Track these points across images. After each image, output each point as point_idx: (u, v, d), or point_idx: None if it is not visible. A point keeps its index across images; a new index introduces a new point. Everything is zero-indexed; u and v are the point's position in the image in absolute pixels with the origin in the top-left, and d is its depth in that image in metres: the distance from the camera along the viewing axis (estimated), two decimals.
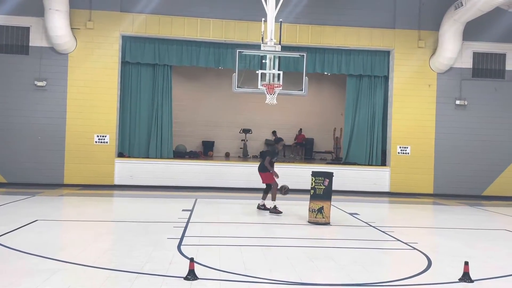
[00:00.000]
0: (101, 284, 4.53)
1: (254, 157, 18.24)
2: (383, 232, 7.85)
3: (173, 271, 4.98)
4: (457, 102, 14.41)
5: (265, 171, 9.50)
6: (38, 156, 13.09)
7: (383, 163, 14.88)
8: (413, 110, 14.35)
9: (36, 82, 13.11)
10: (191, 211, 9.34)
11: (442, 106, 14.40)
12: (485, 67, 14.54)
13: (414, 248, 6.62)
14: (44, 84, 13.16)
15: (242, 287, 4.58)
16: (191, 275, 4.74)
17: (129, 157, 14.06)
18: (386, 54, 14.81)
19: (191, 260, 4.87)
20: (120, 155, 13.94)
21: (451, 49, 13.85)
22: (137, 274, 4.88)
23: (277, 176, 9.37)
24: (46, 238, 6.51)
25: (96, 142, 13.37)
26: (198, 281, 4.68)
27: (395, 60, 14.43)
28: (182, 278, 4.71)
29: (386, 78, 14.95)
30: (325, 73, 15.44)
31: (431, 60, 14.36)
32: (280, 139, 10.27)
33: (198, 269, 4.92)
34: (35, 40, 13.17)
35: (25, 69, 13.13)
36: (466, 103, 14.41)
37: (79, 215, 8.89)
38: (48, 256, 5.45)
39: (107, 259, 5.55)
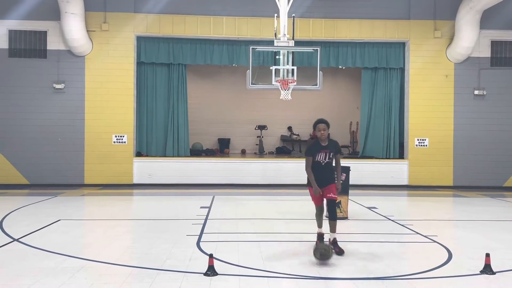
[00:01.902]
0: (123, 281, 4.63)
1: (270, 153, 18.26)
2: (402, 225, 7.80)
3: (193, 267, 5.05)
4: (476, 92, 14.15)
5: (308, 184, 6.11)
6: (58, 157, 13.36)
7: (401, 156, 14.73)
8: (430, 101, 14.15)
9: (54, 85, 13.38)
10: (209, 208, 9.42)
11: (460, 97, 14.16)
12: (504, 56, 14.23)
13: (434, 241, 6.56)
14: (63, 87, 13.41)
15: (262, 282, 4.63)
16: (211, 271, 4.81)
17: (147, 156, 14.24)
18: (402, 45, 14.63)
19: (211, 256, 4.93)
20: (138, 154, 14.13)
21: (468, 38, 13.59)
22: (158, 270, 4.97)
23: (317, 193, 5.89)
24: (69, 237, 6.67)
25: (114, 142, 13.58)
26: (218, 277, 4.74)
27: (410, 51, 14.24)
28: (202, 274, 4.78)
29: (402, 70, 14.77)
30: (340, 66, 15.33)
31: (447, 50, 14.13)
32: (317, 122, 6.02)
33: (217, 265, 4.98)
34: (53, 44, 13.43)
35: (44, 72, 13.40)
36: (484, 93, 14.15)
37: (100, 214, 9.07)
38: (71, 255, 5.59)
39: (129, 257, 5.66)
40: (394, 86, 14.79)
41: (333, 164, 6.02)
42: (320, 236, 6.17)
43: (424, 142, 14.20)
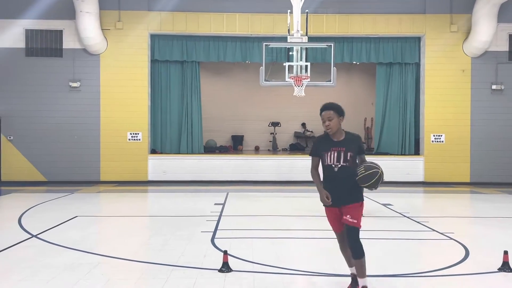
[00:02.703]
0: (139, 277, 4.68)
1: (284, 150, 18.23)
2: (418, 222, 7.71)
3: (208, 264, 5.07)
4: (493, 87, 13.88)
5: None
6: (75, 155, 13.55)
7: (417, 152, 14.55)
8: (446, 97, 13.94)
9: (70, 83, 13.56)
10: (223, 204, 9.45)
11: (477, 92, 13.91)
12: None
13: (451, 238, 6.47)
14: (78, 85, 13.58)
15: (276, 279, 4.63)
16: (225, 267, 4.83)
17: (161, 153, 14.35)
18: (417, 40, 14.42)
19: (225, 252, 4.95)
20: (153, 151, 14.25)
21: (485, 32, 13.33)
22: (172, 266, 5.01)
23: (326, 203, 4.18)
24: (86, 234, 6.76)
25: (129, 139, 13.72)
26: (232, 273, 4.75)
27: (426, 46, 14.03)
28: (217, 271, 4.80)
29: (418, 65, 14.58)
30: (354, 62, 15.20)
31: (464, 45, 13.89)
32: (321, 109, 4.58)
33: (231, 262, 5.00)
34: (68, 43, 13.60)
35: (60, 71, 13.58)
36: (502, 88, 13.88)
37: (116, 211, 9.17)
38: (88, 251, 5.67)
39: (144, 253, 5.71)
40: (409, 81, 14.61)
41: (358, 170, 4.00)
42: (353, 279, 4.22)
43: (440, 138, 14.00)
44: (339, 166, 4.05)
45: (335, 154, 4.08)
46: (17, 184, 12.92)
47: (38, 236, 6.48)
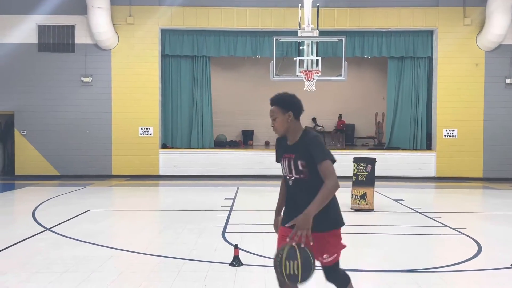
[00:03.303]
0: (151, 270, 4.73)
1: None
2: (430, 217, 7.66)
3: (219, 258, 5.10)
4: (508, 81, 13.67)
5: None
6: (87, 149, 13.69)
7: (428, 147, 14.43)
8: (459, 91, 13.77)
9: (82, 78, 13.67)
10: (234, 199, 9.49)
11: (491, 86, 13.72)
12: None
13: (463, 234, 6.42)
14: (90, 80, 13.69)
15: None
16: (236, 261, 4.85)
17: (172, 148, 14.43)
18: (429, 33, 14.25)
19: (236, 246, 4.97)
20: (164, 146, 14.33)
21: (500, 25, 13.11)
22: (184, 260, 5.05)
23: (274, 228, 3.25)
24: (99, 227, 6.84)
25: (140, 134, 13.81)
26: (243, 267, 4.78)
27: (439, 40, 13.86)
28: (228, 264, 4.83)
29: (430, 59, 14.41)
30: (365, 56, 15.08)
31: (478, 38, 13.68)
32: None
33: (242, 256, 5.02)
34: (80, 38, 13.70)
35: (72, 66, 13.70)
36: None
37: (128, 205, 9.26)
38: (101, 244, 5.74)
39: (156, 247, 5.77)
40: (421, 75, 14.45)
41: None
42: None
43: (452, 133, 13.85)
44: (293, 178, 3.02)
45: (286, 163, 3.08)
46: (30, 178, 13.11)
47: (51, 229, 6.57)
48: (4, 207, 9.05)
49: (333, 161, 2.94)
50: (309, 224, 2.70)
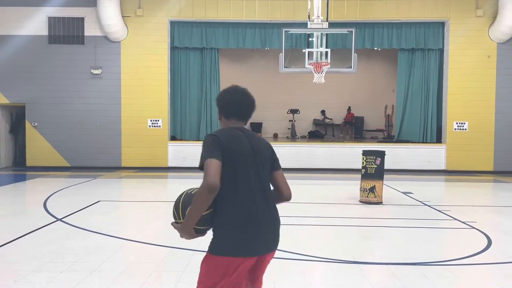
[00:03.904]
0: (161, 260, 4.77)
1: (303, 137, 18.17)
2: (439, 211, 7.62)
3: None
4: None
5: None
6: (97, 141, 13.79)
7: (438, 140, 14.31)
8: (470, 83, 13.61)
9: (92, 70, 13.74)
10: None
11: (503, 78, 13.53)
12: None
13: (473, 227, 6.38)
14: (100, 72, 13.76)
15: (295, 265, 4.66)
16: None
17: (181, 140, 14.48)
18: (441, 25, 14.06)
19: None
20: (173, 138, 14.39)
21: None
22: (193, 251, 5.08)
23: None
24: (109, 218, 6.92)
25: (149, 126, 13.88)
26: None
27: (450, 31, 13.67)
28: None
29: (441, 51, 14.23)
30: (375, 48, 14.93)
31: (490, 30, 13.47)
32: None
33: None
34: (90, 30, 13.74)
35: (82, 58, 13.76)
36: None
37: (137, 196, 9.34)
38: (111, 234, 5.80)
39: (165, 237, 5.81)
40: (432, 67, 14.29)
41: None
42: None
43: (463, 126, 13.71)
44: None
45: None
46: (41, 169, 13.26)
47: (62, 219, 6.66)
48: (16, 198, 9.18)
49: (210, 157, 2.31)
50: (183, 234, 2.43)
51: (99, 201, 8.20)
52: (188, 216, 2.33)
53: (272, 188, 2.52)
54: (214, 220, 2.37)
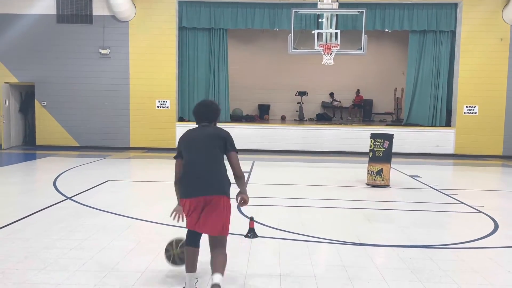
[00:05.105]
0: (168, 239, 4.83)
1: (310, 120, 18.11)
2: (446, 194, 7.61)
3: (234, 229, 5.16)
4: None
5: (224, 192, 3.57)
6: (105, 121, 13.87)
7: (448, 124, 14.18)
8: (482, 66, 13.40)
9: (100, 50, 13.71)
10: (249, 173, 9.55)
11: None
12: None
13: (480, 211, 6.38)
14: (108, 52, 13.73)
15: (301, 246, 4.70)
16: (251, 233, 4.94)
17: (188, 121, 14.49)
18: (453, 6, 13.77)
19: (251, 219, 5.05)
20: (181, 119, 14.41)
21: None
22: None
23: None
24: (118, 197, 7.01)
25: (157, 107, 13.90)
26: (258, 239, 4.86)
27: (463, 12, 13.39)
28: (243, 236, 4.92)
29: (453, 33, 13.98)
30: (386, 30, 14.70)
31: (504, 11, 13.17)
32: None
33: (257, 228, 5.10)
34: (98, 9, 13.67)
35: (90, 37, 13.73)
36: None
37: (146, 176, 9.43)
38: (120, 213, 5.89)
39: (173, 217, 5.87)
40: (443, 50, 14.07)
41: None
42: None
43: (473, 110, 13.56)
44: None
45: None
46: (51, 148, 13.40)
47: (72, 198, 6.76)
48: (26, 176, 9.32)
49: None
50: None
51: (108, 181, 8.30)
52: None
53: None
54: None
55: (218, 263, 3.35)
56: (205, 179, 3.43)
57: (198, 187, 3.42)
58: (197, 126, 3.64)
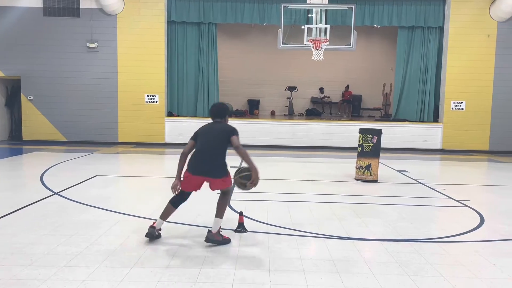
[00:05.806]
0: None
1: (300, 115, 18.15)
2: (433, 189, 7.70)
3: (224, 224, 5.18)
4: None
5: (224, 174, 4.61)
6: (93, 115, 13.74)
7: (435, 119, 14.33)
8: (469, 63, 13.55)
9: (88, 44, 13.55)
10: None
11: (502, 58, 13.47)
12: None
13: (466, 206, 6.47)
14: (96, 46, 13.57)
15: (290, 240, 4.72)
16: (241, 228, 4.94)
17: (178, 116, 14.43)
18: (441, 3, 13.89)
19: (240, 213, 5.05)
20: (170, 114, 14.34)
21: None
22: (190, 226, 5.15)
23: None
24: (106, 192, 6.95)
25: (146, 102, 13.80)
26: (247, 234, 4.87)
27: (451, 9, 13.51)
28: (232, 231, 4.92)
29: (441, 29, 14.10)
30: (375, 25, 14.78)
31: (491, 8, 13.32)
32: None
33: (247, 223, 5.11)
34: (85, 2, 13.49)
35: (77, 31, 13.56)
36: None
37: (134, 171, 9.37)
38: (108, 209, 5.85)
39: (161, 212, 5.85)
40: (431, 46, 14.20)
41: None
42: None
43: (460, 105, 13.72)
44: None
45: None
46: (38, 143, 13.23)
47: (59, 193, 6.69)
48: (12, 171, 9.20)
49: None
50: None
51: (96, 176, 8.23)
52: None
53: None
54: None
55: (217, 210, 4.64)
56: (206, 164, 4.46)
57: (200, 169, 4.46)
58: (212, 121, 4.77)
